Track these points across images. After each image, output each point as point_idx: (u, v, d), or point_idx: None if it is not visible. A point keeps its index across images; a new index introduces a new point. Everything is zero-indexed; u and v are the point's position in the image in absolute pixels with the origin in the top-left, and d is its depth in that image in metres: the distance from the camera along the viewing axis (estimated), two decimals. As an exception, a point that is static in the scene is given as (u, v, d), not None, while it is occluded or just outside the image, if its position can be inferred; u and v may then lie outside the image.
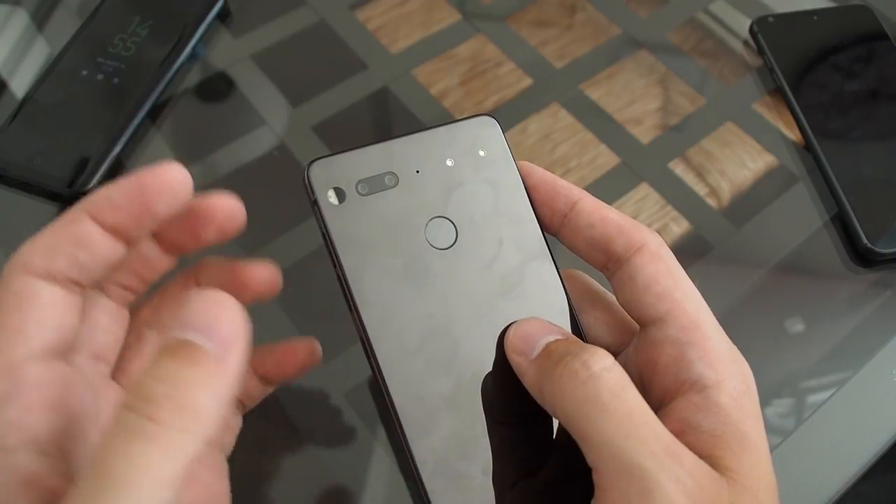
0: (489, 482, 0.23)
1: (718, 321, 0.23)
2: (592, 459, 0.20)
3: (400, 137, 0.26)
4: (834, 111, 0.45)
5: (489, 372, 0.24)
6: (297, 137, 0.45)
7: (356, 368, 0.37)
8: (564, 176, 0.44)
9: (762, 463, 0.21)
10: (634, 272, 0.23)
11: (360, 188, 0.25)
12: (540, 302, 0.25)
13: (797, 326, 0.39)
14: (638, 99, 0.47)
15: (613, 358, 0.21)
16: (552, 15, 0.51)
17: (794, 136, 0.46)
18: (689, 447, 0.20)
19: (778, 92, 0.47)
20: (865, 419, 0.36)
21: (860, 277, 0.40)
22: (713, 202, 0.43)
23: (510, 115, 0.46)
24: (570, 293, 0.26)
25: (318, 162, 0.25)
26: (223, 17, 0.51)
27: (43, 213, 0.42)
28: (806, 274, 0.41)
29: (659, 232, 0.41)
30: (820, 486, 0.34)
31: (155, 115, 0.46)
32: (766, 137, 0.46)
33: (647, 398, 0.20)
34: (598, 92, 0.48)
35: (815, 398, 0.37)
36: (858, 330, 0.39)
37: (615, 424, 0.19)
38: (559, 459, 0.23)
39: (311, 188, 0.24)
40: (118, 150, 0.43)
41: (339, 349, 0.38)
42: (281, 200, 0.44)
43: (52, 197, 0.43)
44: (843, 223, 0.42)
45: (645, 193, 0.43)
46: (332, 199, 0.24)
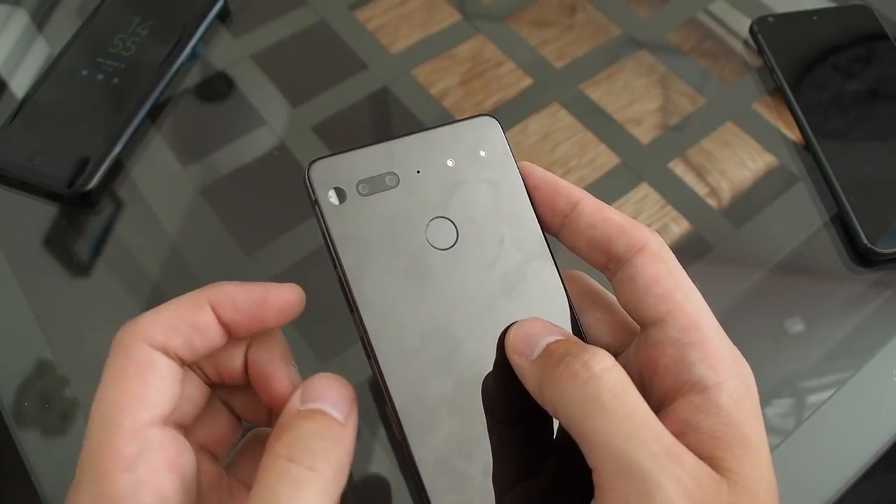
0: (489, 482, 0.23)
1: (718, 321, 0.23)
2: (592, 460, 0.20)
3: (401, 137, 0.25)
4: (834, 111, 0.45)
5: (489, 372, 0.24)
6: (297, 137, 0.45)
7: (356, 368, 0.37)
8: (564, 176, 0.44)
9: (763, 464, 0.21)
10: (635, 273, 0.23)
11: (360, 188, 0.24)
12: (540, 302, 0.25)
13: (797, 326, 0.39)
14: (638, 99, 0.47)
15: (614, 359, 0.21)
16: (552, 15, 0.51)
17: (794, 136, 0.46)
18: (689, 448, 0.20)
19: (778, 92, 0.47)
20: (865, 419, 0.36)
21: (860, 277, 0.40)
22: (713, 202, 0.43)
23: (510, 115, 0.46)
24: (570, 294, 0.25)
25: (318, 162, 0.24)
26: (223, 17, 0.51)
27: (43, 213, 0.42)
28: (806, 274, 0.41)
29: (659, 232, 0.41)
30: (820, 486, 0.34)
31: (155, 115, 0.46)
32: (766, 137, 0.46)
33: (647, 399, 0.20)
34: (598, 92, 0.48)
35: (815, 398, 0.37)
36: (858, 330, 0.39)
37: (615, 425, 0.19)
38: (559, 460, 0.23)
39: (311, 188, 0.24)
40: (118, 150, 0.43)
41: (339, 349, 0.38)
42: (281, 200, 0.44)
43: (52, 197, 0.43)
44: (843, 223, 0.42)
45: (645, 193, 0.43)
46: (332, 199, 0.24)
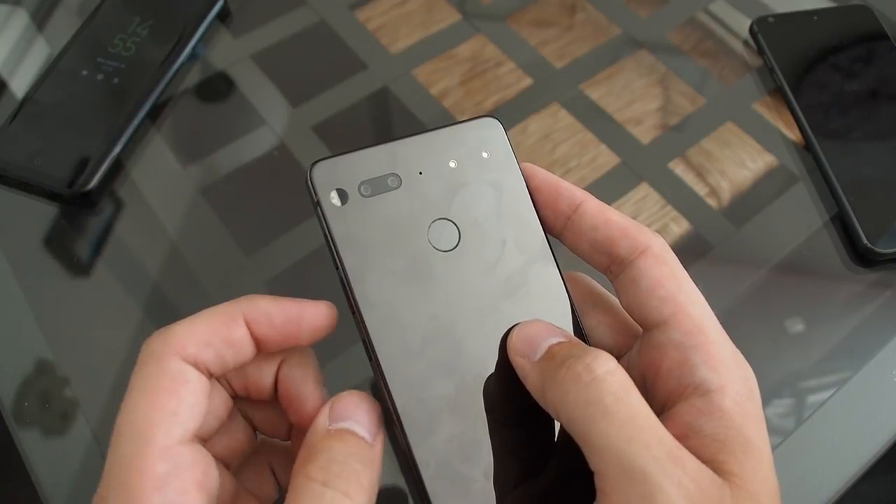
0: (491, 484, 0.23)
1: (719, 322, 0.23)
2: (594, 463, 0.20)
3: (403, 139, 0.25)
4: (834, 111, 0.45)
5: (491, 374, 0.24)
6: (297, 137, 0.45)
7: (357, 369, 0.37)
8: (564, 176, 0.44)
9: (765, 467, 0.21)
10: (638, 275, 0.23)
11: (362, 189, 0.24)
12: (542, 304, 0.25)
13: (797, 326, 0.39)
14: (638, 99, 0.47)
15: (616, 361, 0.21)
16: (552, 15, 0.51)
17: (794, 136, 0.46)
18: (691, 451, 0.20)
19: (778, 92, 0.47)
20: (865, 419, 0.36)
21: (860, 277, 0.40)
22: (713, 202, 0.43)
23: (510, 115, 0.46)
24: (572, 295, 0.25)
25: (320, 163, 0.24)
26: (223, 17, 0.51)
27: (43, 213, 0.42)
28: (806, 274, 0.41)
29: (659, 232, 0.41)
30: (820, 486, 0.35)
31: (155, 115, 0.46)
32: (766, 137, 0.46)
33: (650, 402, 0.20)
34: (598, 92, 0.48)
35: (815, 398, 0.37)
36: (858, 330, 0.39)
37: (617, 428, 0.19)
38: (561, 462, 0.23)
39: (313, 189, 0.24)
40: (118, 150, 0.43)
41: (339, 350, 0.38)
42: (281, 200, 0.43)
43: (52, 197, 0.43)
44: (843, 223, 0.42)
45: (645, 193, 0.43)
46: (334, 200, 0.24)
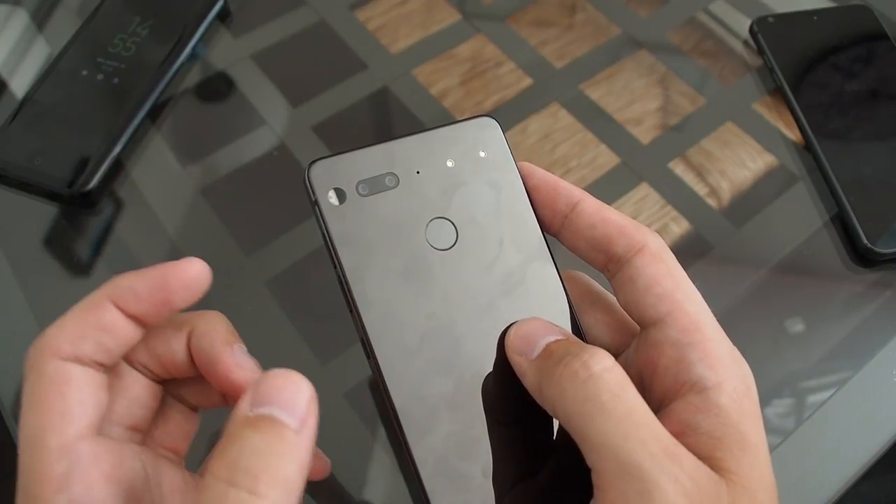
0: (489, 482, 0.23)
1: (718, 321, 0.23)
2: (591, 460, 0.20)
3: (400, 138, 0.25)
4: (834, 111, 0.45)
5: (489, 372, 0.24)
6: (297, 137, 0.45)
7: (356, 368, 0.37)
8: (564, 176, 0.44)
9: (762, 465, 0.21)
10: (635, 273, 0.23)
11: (360, 189, 0.25)
12: (540, 303, 0.25)
13: (797, 326, 0.39)
14: (638, 99, 0.47)
15: (613, 359, 0.21)
16: (552, 15, 0.51)
17: (794, 136, 0.46)
18: (688, 448, 0.20)
19: (778, 92, 0.47)
20: (865, 419, 0.36)
21: (860, 277, 0.40)
22: (713, 202, 0.43)
23: (510, 115, 0.46)
24: (570, 294, 0.25)
25: (318, 162, 0.24)
26: (223, 17, 0.51)
27: (43, 213, 0.42)
28: (806, 274, 0.41)
29: (659, 232, 0.41)
30: (820, 486, 0.35)
31: (155, 115, 0.46)
32: (766, 137, 0.46)
33: (647, 399, 0.20)
34: (598, 92, 0.48)
35: (815, 398, 0.37)
36: (858, 330, 0.39)
37: (614, 425, 0.19)
38: (559, 460, 0.23)
39: (311, 188, 0.24)
40: (118, 150, 0.43)
41: (339, 349, 0.38)
42: (281, 200, 0.44)
43: (52, 197, 0.43)
44: (843, 223, 0.42)
45: (645, 193, 0.43)
46: (332, 199, 0.24)
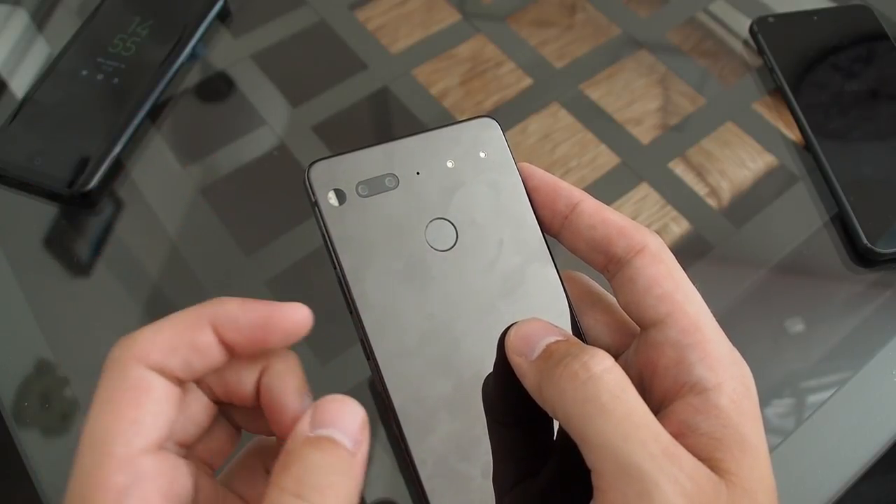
0: (489, 483, 0.23)
1: (718, 321, 0.23)
2: (591, 460, 0.20)
3: (400, 139, 0.25)
4: (834, 111, 0.45)
5: (489, 373, 0.24)
6: (297, 137, 0.45)
7: (356, 369, 0.37)
8: (564, 176, 0.44)
9: (762, 466, 0.21)
10: (635, 274, 0.23)
11: (360, 189, 0.25)
12: (540, 303, 0.25)
13: (797, 326, 0.39)
14: (638, 99, 0.47)
15: (613, 359, 0.21)
16: (552, 15, 0.51)
17: (794, 136, 0.46)
18: (688, 449, 0.20)
19: (778, 92, 0.47)
20: (865, 419, 0.36)
21: (860, 277, 0.40)
22: (713, 202, 0.43)
23: (510, 115, 0.46)
24: (570, 295, 0.25)
25: (318, 163, 0.24)
26: (223, 17, 0.51)
27: (43, 213, 0.42)
28: (806, 274, 0.41)
29: (659, 232, 0.41)
30: (820, 486, 0.35)
31: (155, 115, 0.46)
32: (766, 137, 0.46)
33: (647, 400, 0.20)
34: (598, 92, 0.48)
35: (815, 398, 0.37)
36: (858, 330, 0.39)
37: (614, 426, 0.19)
38: (559, 461, 0.23)
39: (311, 189, 0.24)
40: (118, 150, 0.43)
41: (338, 349, 0.38)
42: (281, 200, 0.44)
43: (52, 197, 0.43)
44: (843, 223, 0.42)
45: (645, 193, 0.43)
46: (332, 200, 0.24)
